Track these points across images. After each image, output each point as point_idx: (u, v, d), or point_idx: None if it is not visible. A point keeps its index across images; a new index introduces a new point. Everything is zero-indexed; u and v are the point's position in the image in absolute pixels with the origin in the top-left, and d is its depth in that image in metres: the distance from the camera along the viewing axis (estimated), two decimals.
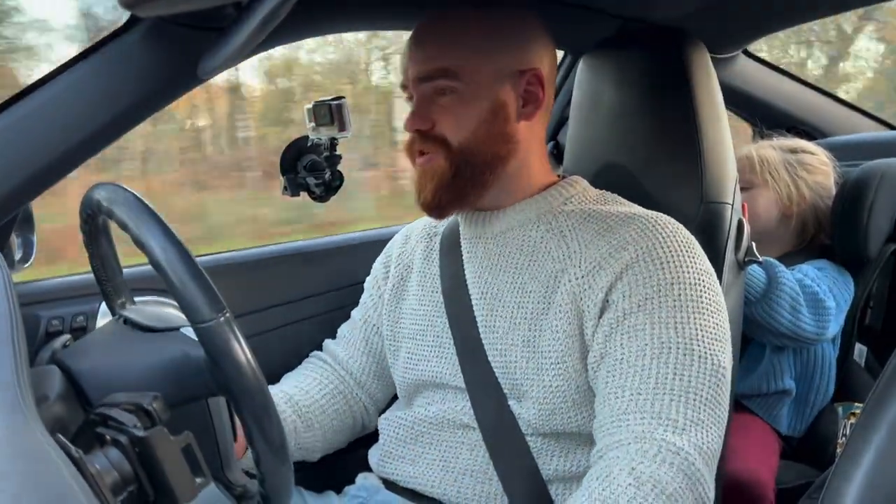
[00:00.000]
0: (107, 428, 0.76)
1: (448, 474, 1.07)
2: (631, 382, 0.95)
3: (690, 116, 1.20)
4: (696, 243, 1.04)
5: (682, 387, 0.93)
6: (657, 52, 1.26)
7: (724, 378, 0.96)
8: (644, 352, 0.95)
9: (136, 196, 0.81)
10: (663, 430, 0.91)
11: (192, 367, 0.83)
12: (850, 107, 2.05)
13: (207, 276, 0.79)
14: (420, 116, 1.07)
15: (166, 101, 1.10)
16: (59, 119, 1.01)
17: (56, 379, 0.83)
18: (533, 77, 1.08)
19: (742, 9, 1.39)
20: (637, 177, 1.25)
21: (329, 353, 1.31)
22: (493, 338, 1.07)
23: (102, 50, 1.05)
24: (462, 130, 1.05)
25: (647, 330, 0.96)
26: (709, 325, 0.97)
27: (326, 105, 1.24)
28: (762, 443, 1.50)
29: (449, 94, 1.05)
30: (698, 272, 1.00)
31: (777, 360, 1.51)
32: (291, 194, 1.31)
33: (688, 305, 0.97)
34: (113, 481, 0.72)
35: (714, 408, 0.94)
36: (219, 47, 0.91)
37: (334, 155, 1.31)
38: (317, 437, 1.22)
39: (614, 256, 1.00)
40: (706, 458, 0.91)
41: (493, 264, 1.10)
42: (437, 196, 1.07)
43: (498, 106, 1.06)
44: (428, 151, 1.07)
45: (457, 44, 1.05)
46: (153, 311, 0.92)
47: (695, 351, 0.95)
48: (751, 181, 1.59)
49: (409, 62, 1.08)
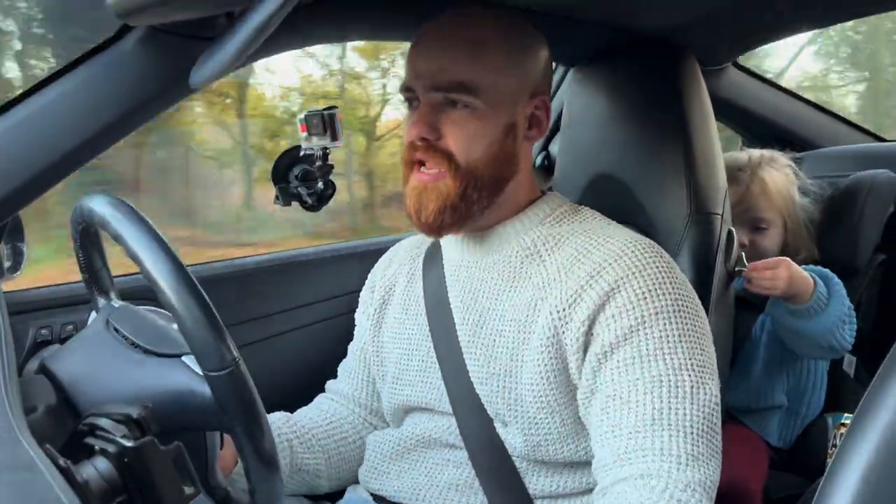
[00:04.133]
0: (95, 438, 0.75)
1: (433, 488, 1.06)
2: (627, 420, 0.93)
3: (680, 128, 1.21)
4: (675, 266, 1.01)
5: (678, 421, 0.91)
6: (647, 64, 1.27)
7: (716, 407, 0.95)
8: (636, 386, 0.93)
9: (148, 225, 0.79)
10: (668, 465, 0.89)
11: (197, 404, 0.82)
12: (839, 118, 2.07)
13: (220, 320, 0.78)
14: (428, 125, 1.02)
15: (158, 109, 1.10)
16: (50, 128, 1.01)
17: (45, 389, 0.83)
18: (541, 102, 1.07)
19: (732, 21, 1.40)
20: (627, 187, 1.26)
21: (333, 391, 1.28)
22: (476, 365, 1.05)
23: (94, 58, 1.04)
24: (473, 150, 1.02)
25: (637, 364, 0.94)
26: (695, 352, 0.95)
27: (319, 115, 1.24)
28: (751, 453, 1.49)
29: (463, 108, 1.01)
30: (680, 298, 0.97)
31: (770, 376, 1.51)
32: (283, 204, 1.31)
33: (673, 335, 0.95)
34: (101, 491, 0.71)
35: (711, 439, 0.93)
36: (211, 56, 0.91)
37: (326, 165, 1.31)
38: (319, 462, 1.18)
39: (593, 287, 0.97)
40: (709, 493, 0.90)
41: (475, 289, 1.08)
42: (440, 217, 1.03)
43: (510, 127, 1.04)
44: (430, 163, 1.02)
45: (479, 59, 1.01)
46: (147, 327, 0.91)
47: (686, 382, 0.93)
48: (771, 221, 1.56)
49: (419, 66, 1.03)
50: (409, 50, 1.06)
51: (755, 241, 1.55)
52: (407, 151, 1.04)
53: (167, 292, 0.76)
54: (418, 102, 1.04)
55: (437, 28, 1.04)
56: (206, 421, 0.83)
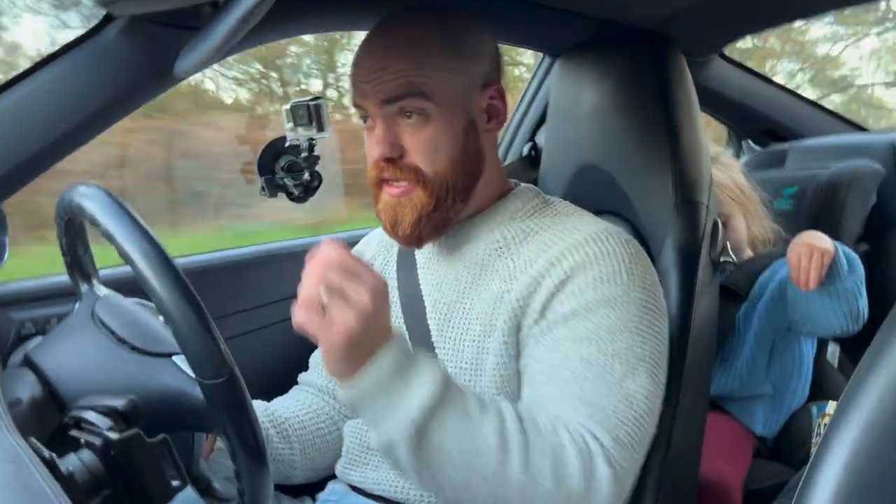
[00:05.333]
0: (81, 431, 0.75)
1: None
2: (550, 391, 0.93)
3: (666, 118, 1.21)
4: (640, 258, 1.01)
5: (600, 404, 0.91)
6: (633, 55, 1.27)
7: (646, 402, 0.93)
8: (564, 364, 0.93)
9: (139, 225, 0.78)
10: (584, 437, 0.89)
11: (188, 406, 0.82)
12: (824, 109, 2.08)
13: (216, 330, 0.76)
14: (389, 143, 1.00)
15: (142, 100, 1.09)
16: (33, 119, 1.00)
17: (29, 381, 0.82)
18: (495, 91, 1.06)
19: (718, 13, 1.40)
20: (613, 177, 1.26)
21: (306, 383, 1.27)
22: (445, 357, 1.05)
23: (77, 48, 1.03)
24: (438, 159, 1.01)
25: (569, 344, 0.94)
26: (635, 344, 0.94)
27: (305, 105, 1.23)
28: (733, 443, 1.51)
29: (417, 115, 0.99)
30: (635, 289, 0.97)
31: (756, 363, 1.52)
32: (269, 195, 1.30)
33: (615, 324, 0.94)
34: (87, 484, 0.71)
35: (630, 431, 0.91)
36: (196, 47, 0.91)
37: (312, 156, 1.30)
38: (294, 452, 1.18)
39: (551, 274, 0.97)
40: (618, 476, 0.88)
41: (442, 283, 1.08)
42: (416, 228, 1.02)
43: (469, 125, 1.03)
44: (399, 181, 1.01)
45: (425, 60, 0.99)
46: (134, 322, 0.90)
47: (616, 370, 0.92)
48: (728, 214, 1.58)
49: (364, 84, 1.00)
50: (352, 68, 1.03)
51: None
52: (373, 170, 1.03)
53: (163, 298, 0.74)
54: (372, 119, 1.02)
55: (373, 43, 1.02)
56: (196, 423, 0.83)
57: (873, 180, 1.65)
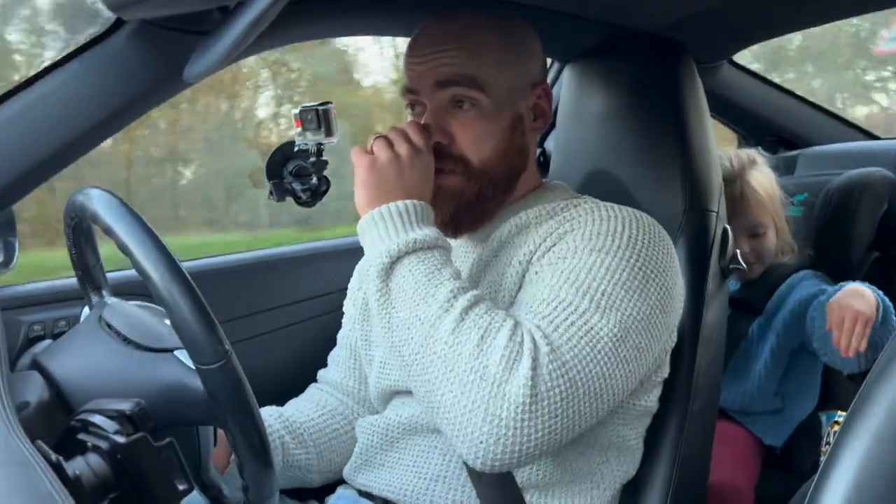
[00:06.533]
0: (88, 434, 0.75)
1: (420, 481, 1.06)
2: (517, 311, 0.93)
3: (676, 124, 1.21)
4: (651, 234, 0.98)
5: (557, 325, 0.88)
6: (643, 61, 1.27)
7: (609, 349, 0.89)
8: (534, 297, 0.92)
9: (139, 219, 0.79)
10: (531, 333, 0.87)
11: (189, 398, 0.82)
12: (833, 116, 2.07)
13: (212, 314, 0.78)
14: (439, 129, 1.02)
15: (151, 104, 1.09)
16: (43, 123, 1.01)
17: (37, 384, 0.83)
18: (542, 91, 1.08)
19: (728, 19, 1.40)
20: (622, 184, 1.26)
21: (323, 380, 1.28)
22: None
23: (87, 53, 1.04)
24: (484, 148, 1.02)
25: (545, 280, 0.93)
26: (615, 294, 0.91)
27: (313, 110, 1.23)
28: (743, 451, 1.50)
29: (468, 106, 1.02)
30: (636, 255, 0.94)
31: (770, 379, 1.50)
32: (277, 199, 1.30)
33: (597, 271, 0.92)
34: (93, 487, 0.71)
35: (586, 362, 0.87)
36: (205, 51, 0.91)
37: (321, 160, 1.30)
38: (311, 456, 1.18)
39: (553, 237, 0.98)
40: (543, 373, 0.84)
41: (467, 275, 1.08)
42: (456, 217, 1.04)
43: (517, 121, 1.05)
44: (444, 168, 1.02)
45: (482, 53, 1.01)
46: (139, 323, 0.91)
47: (581, 305, 0.90)
48: (767, 224, 1.55)
49: (420, 66, 1.03)
50: (407, 53, 1.06)
51: (755, 247, 1.54)
52: None
53: (158, 285, 0.76)
54: (421, 107, 1.04)
55: (431, 29, 1.05)
56: (197, 415, 0.84)
57: (885, 187, 1.64)
